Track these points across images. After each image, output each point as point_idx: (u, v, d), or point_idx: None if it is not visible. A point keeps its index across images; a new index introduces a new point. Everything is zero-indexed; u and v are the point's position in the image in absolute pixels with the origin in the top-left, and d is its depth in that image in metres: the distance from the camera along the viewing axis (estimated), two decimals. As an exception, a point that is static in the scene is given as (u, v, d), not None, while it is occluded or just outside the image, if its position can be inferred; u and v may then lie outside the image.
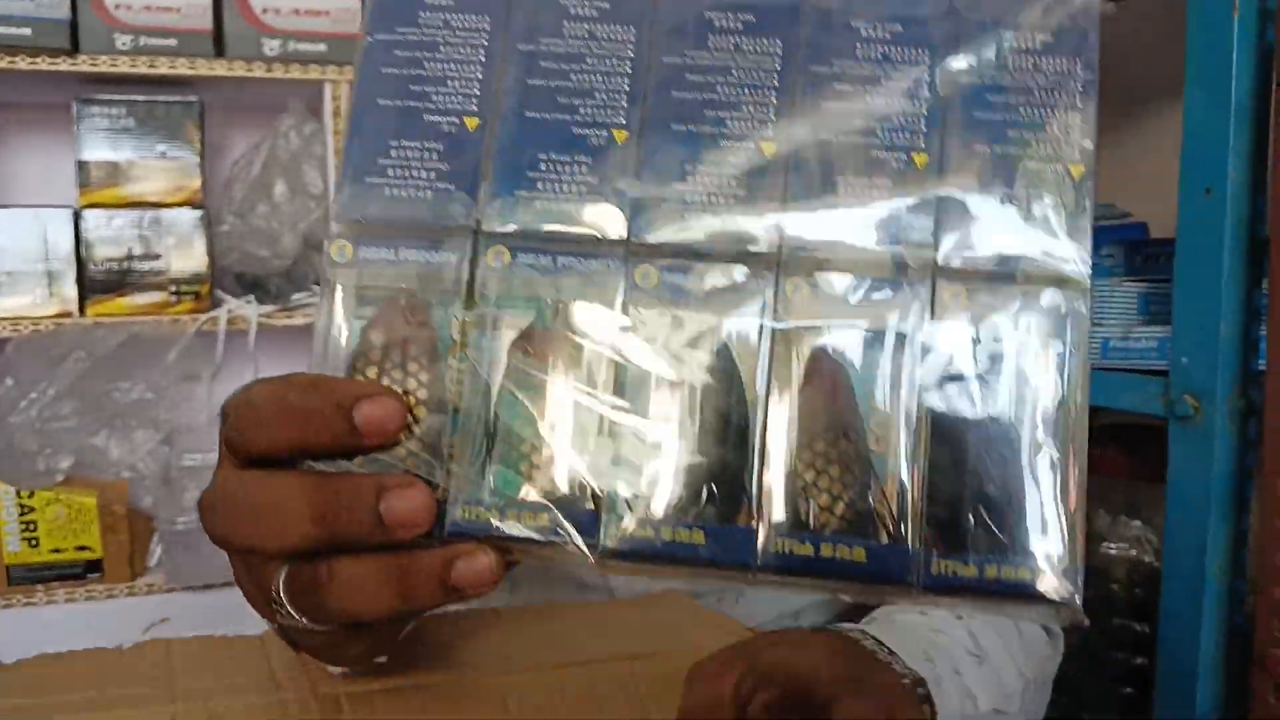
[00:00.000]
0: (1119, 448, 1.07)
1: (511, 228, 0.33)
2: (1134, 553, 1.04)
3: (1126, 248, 1.05)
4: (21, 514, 1.41)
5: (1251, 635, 0.83)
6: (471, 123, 0.34)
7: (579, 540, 0.32)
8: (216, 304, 1.55)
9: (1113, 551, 1.05)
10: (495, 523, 0.32)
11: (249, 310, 1.54)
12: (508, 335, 0.33)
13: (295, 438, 0.32)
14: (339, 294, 0.34)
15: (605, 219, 0.33)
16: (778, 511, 0.33)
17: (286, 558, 0.32)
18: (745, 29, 0.34)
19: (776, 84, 0.34)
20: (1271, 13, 0.82)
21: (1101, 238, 1.08)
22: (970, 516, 0.33)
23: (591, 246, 0.33)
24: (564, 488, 0.33)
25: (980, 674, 0.61)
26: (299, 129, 1.59)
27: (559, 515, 0.32)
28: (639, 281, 0.33)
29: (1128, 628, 1.03)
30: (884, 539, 0.33)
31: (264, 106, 1.69)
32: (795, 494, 0.33)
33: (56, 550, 1.43)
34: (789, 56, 0.34)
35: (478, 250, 0.33)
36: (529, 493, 0.33)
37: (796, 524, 0.33)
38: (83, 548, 1.44)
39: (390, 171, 0.33)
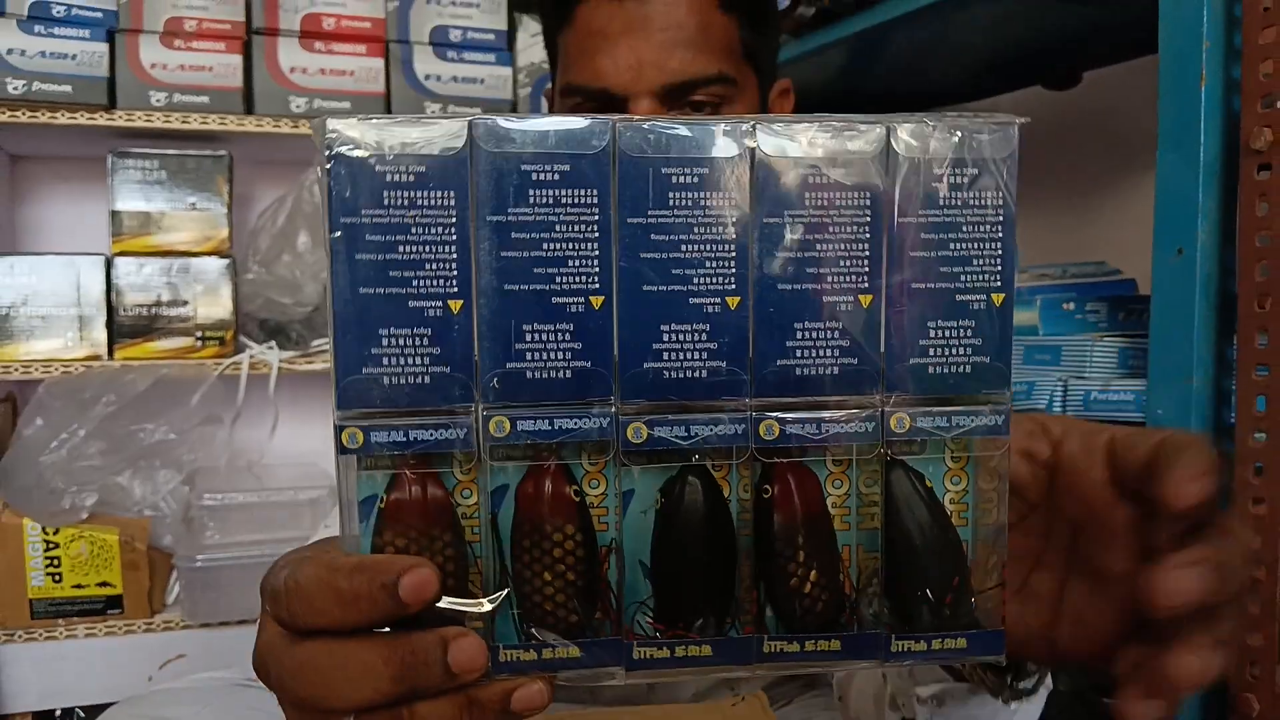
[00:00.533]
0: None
1: (504, 401, 0.36)
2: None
3: (1110, 303, 1.09)
4: (46, 549, 1.46)
5: (1227, 679, 0.85)
6: (456, 305, 0.36)
7: (608, 661, 0.38)
8: (240, 349, 1.61)
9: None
10: (534, 657, 0.37)
11: (271, 356, 1.60)
12: (514, 492, 0.38)
13: (349, 619, 0.35)
14: (355, 473, 0.37)
15: (592, 381, 0.37)
16: (769, 616, 0.39)
17: (359, 711, 0.36)
18: (699, 183, 0.36)
19: (733, 238, 0.37)
20: (1237, 82, 0.86)
21: (1087, 293, 1.12)
22: (920, 605, 0.39)
23: (583, 407, 0.37)
24: (584, 619, 0.38)
25: None
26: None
27: (587, 644, 0.37)
28: (630, 437, 0.37)
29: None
30: (854, 630, 0.39)
31: (290, 161, 1.77)
32: (781, 598, 0.39)
33: (78, 586, 1.48)
34: (743, 212, 0.37)
35: (480, 423, 0.36)
36: (556, 626, 0.38)
37: (786, 624, 0.39)
38: (104, 584, 1.48)
39: (385, 360, 0.36)
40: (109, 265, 1.55)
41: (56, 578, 1.47)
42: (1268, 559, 0.82)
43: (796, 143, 0.37)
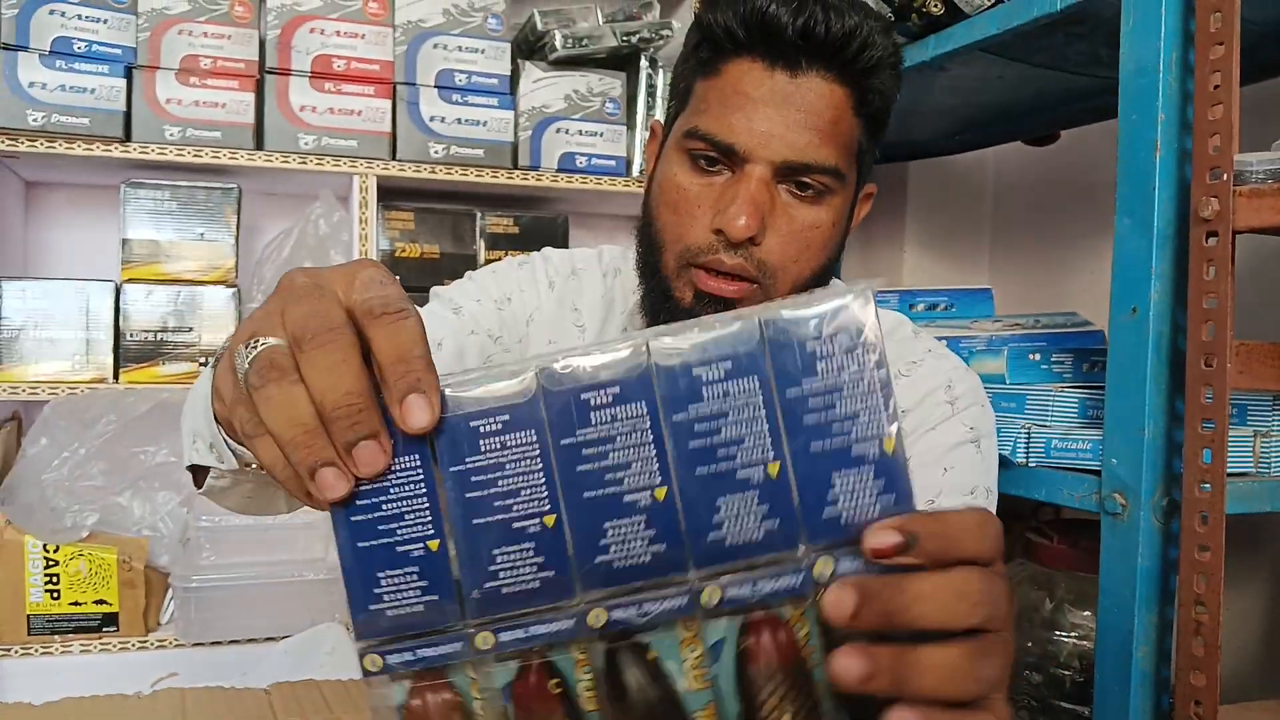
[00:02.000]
0: (1066, 542, 1.15)
1: (489, 616, 0.44)
2: (1078, 639, 1.10)
3: (1076, 355, 1.14)
4: (46, 566, 1.50)
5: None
6: (434, 545, 0.43)
7: None
8: (241, 375, 1.65)
9: (1059, 638, 1.11)
10: None
11: (271, 382, 1.64)
12: (511, 691, 0.45)
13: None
14: (381, 686, 0.45)
15: (557, 585, 0.44)
16: None
17: None
18: (614, 400, 0.43)
19: (651, 439, 0.43)
20: (1189, 153, 0.92)
21: (1054, 344, 1.18)
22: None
23: (553, 613, 0.44)
24: None
25: None
26: (327, 216, 1.71)
27: None
28: (591, 623, 0.44)
29: (1073, 711, 1.10)
30: None
31: (296, 195, 1.83)
32: None
33: (76, 603, 1.52)
34: (654, 414, 0.43)
35: (471, 637, 0.44)
36: None
37: None
38: (101, 601, 1.52)
39: (386, 597, 0.43)
40: (118, 291, 1.60)
41: (55, 594, 1.51)
42: (1211, 603, 0.87)
43: (686, 345, 0.44)
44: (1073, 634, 1.11)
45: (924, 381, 0.88)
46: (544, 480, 0.43)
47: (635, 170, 1.84)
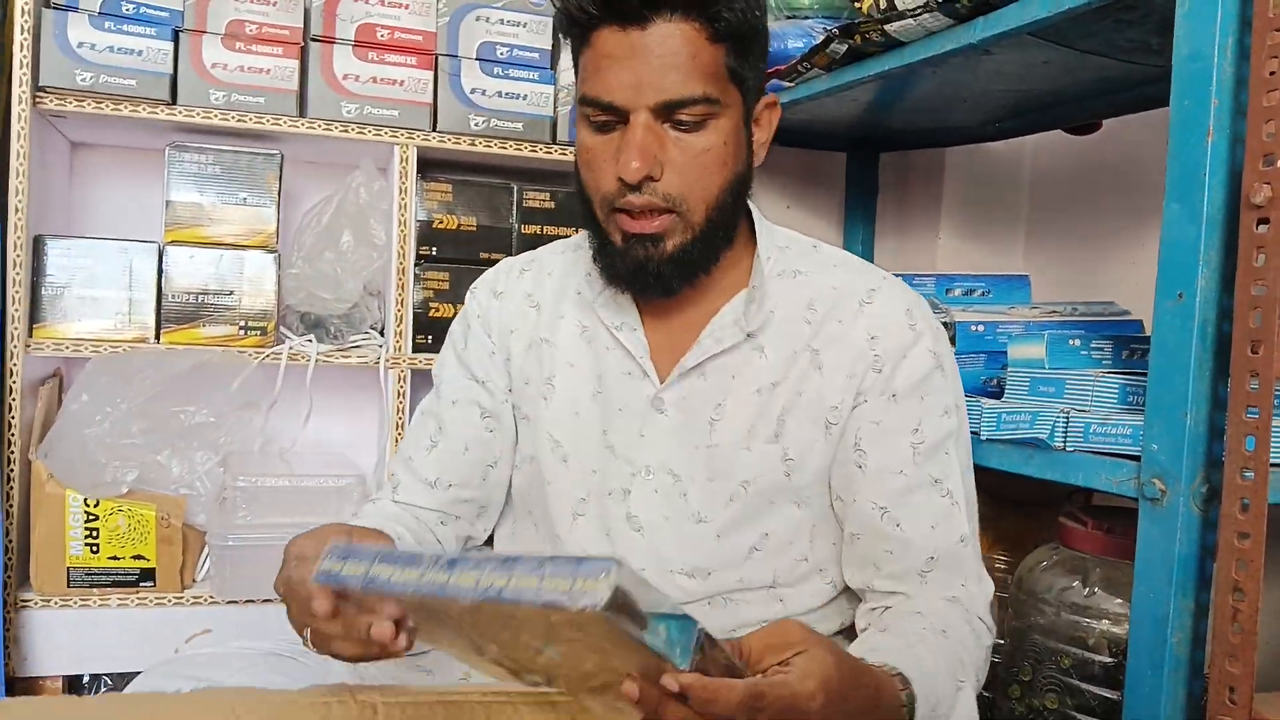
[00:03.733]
0: (1100, 528, 1.15)
1: None
2: (1110, 625, 1.11)
3: (1115, 342, 1.14)
4: (86, 520, 1.53)
5: (1206, 705, 0.90)
6: None
7: None
8: (280, 340, 1.68)
9: (1090, 624, 1.12)
10: None
11: (309, 348, 1.67)
12: None
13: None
14: None
15: None
16: None
17: None
18: None
19: None
20: (1241, 139, 0.92)
21: (1094, 331, 1.18)
22: None
23: None
24: None
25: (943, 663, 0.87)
26: (368, 185, 1.72)
27: None
28: None
29: (1102, 696, 1.10)
30: None
31: (337, 163, 1.84)
32: None
33: (114, 558, 1.54)
34: None
35: None
36: None
37: None
38: (139, 556, 1.55)
39: None
40: (161, 253, 1.63)
41: (94, 548, 1.53)
42: (1249, 590, 0.87)
43: None
44: (1104, 620, 1.12)
45: (887, 307, 0.98)
46: None
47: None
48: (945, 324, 1.36)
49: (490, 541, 1.14)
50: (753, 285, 0.99)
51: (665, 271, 0.94)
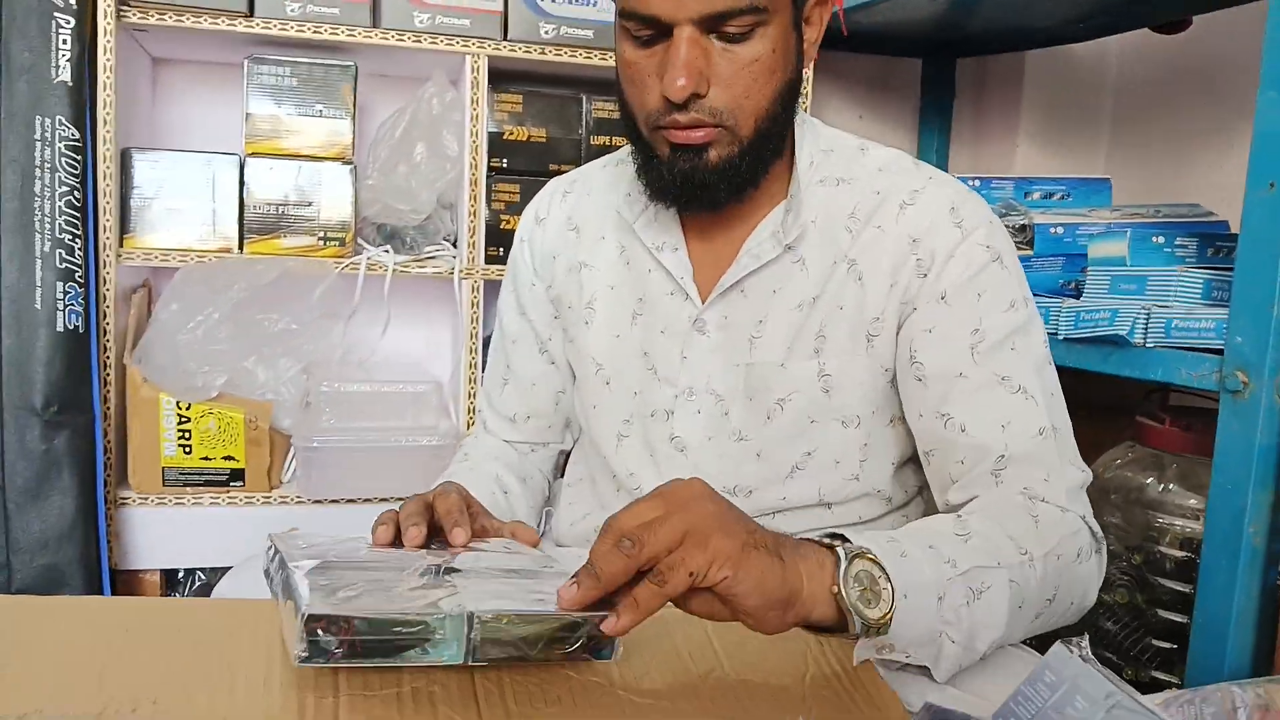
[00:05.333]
0: (1178, 425, 1.14)
1: None
2: (1185, 522, 1.11)
3: (1201, 239, 1.12)
4: (179, 423, 1.60)
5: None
6: None
7: None
8: (358, 251, 1.71)
9: (1164, 521, 1.12)
10: None
11: (386, 258, 1.70)
12: None
13: None
14: None
15: None
16: None
17: None
18: None
19: None
20: (1343, 22, 0.89)
21: (1178, 230, 1.16)
22: None
23: None
24: None
25: (964, 547, 0.76)
26: (440, 97, 1.73)
27: None
28: None
29: (1172, 589, 1.10)
30: None
31: (410, 76, 1.85)
32: None
33: (206, 458, 1.62)
34: None
35: None
36: None
37: None
38: (229, 458, 1.62)
39: None
40: (242, 165, 1.66)
41: (187, 449, 1.60)
42: (1331, 479, 0.86)
43: None
44: (1178, 516, 1.12)
45: (929, 208, 0.92)
46: None
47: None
48: (1024, 226, 1.34)
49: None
50: (790, 195, 0.96)
51: (711, 181, 0.90)
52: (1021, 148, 1.92)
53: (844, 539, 0.72)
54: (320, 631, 0.58)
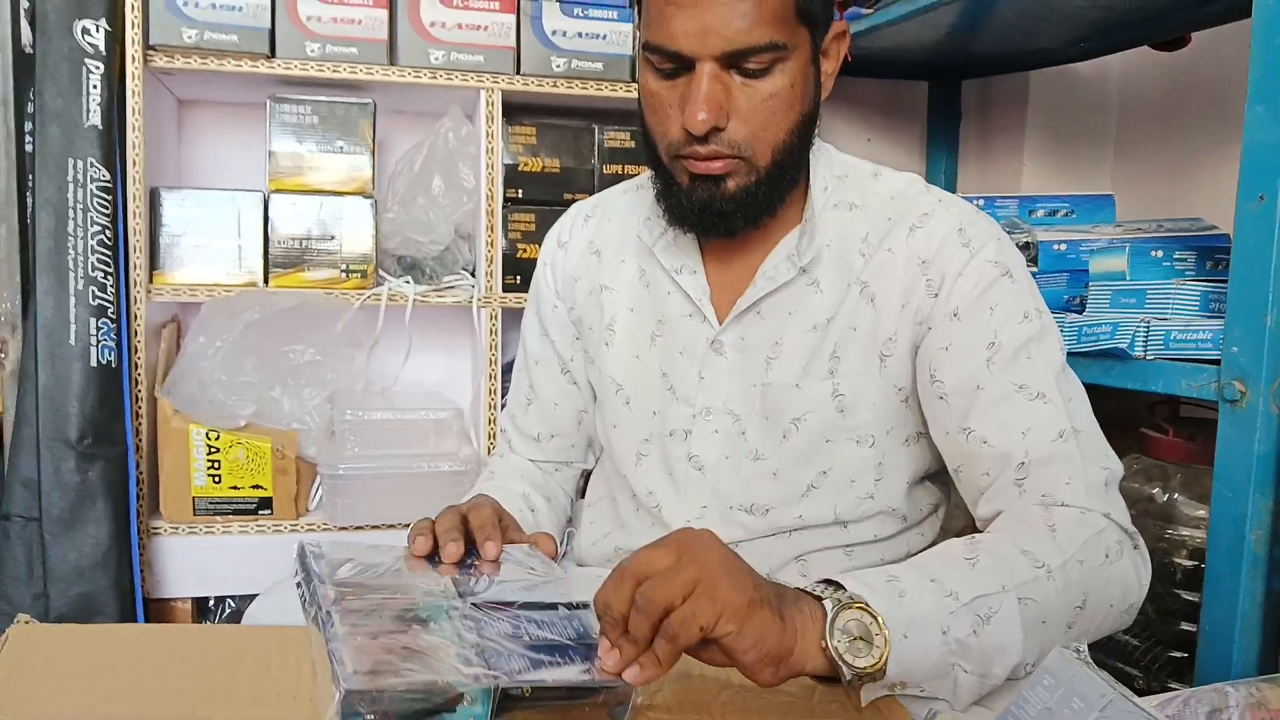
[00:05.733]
0: (1182, 436, 1.16)
1: None
2: (1192, 531, 1.12)
3: (1199, 253, 1.14)
4: (209, 453, 1.64)
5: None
6: None
7: None
8: (379, 282, 1.76)
9: (1171, 532, 1.13)
10: None
11: (407, 289, 1.75)
12: None
13: None
14: None
15: None
16: None
17: None
18: None
19: None
20: (1326, 39, 0.91)
21: (1177, 244, 1.18)
22: None
23: None
24: None
25: (970, 574, 0.76)
26: (456, 130, 1.78)
27: None
28: None
29: (1183, 599, 1.12)
30: None
31: (427, 111, 1.91)
32: None
33: (235, 487, 1.66)
34: None
35: None
36: None
37: None
38: (257, 486, 1.66)
39: None
40: (266, 202, 1.72)
41: (216, 479, 1.65)
42: (1328, 484, 0.88)
43: None
44: (1184, 525, 1.13)
45: (937, 230, 0.94)
46: None
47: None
48: (1027, 243, 1.37)
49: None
50: (805, 219, 0.98)
51: (729, 210, 0.93)
52: (1028, 166, 1.95)
53: (838, 586, 0.72)
54: (359, 705, 0.60)
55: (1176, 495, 1.14)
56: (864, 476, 0.97)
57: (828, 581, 0.73)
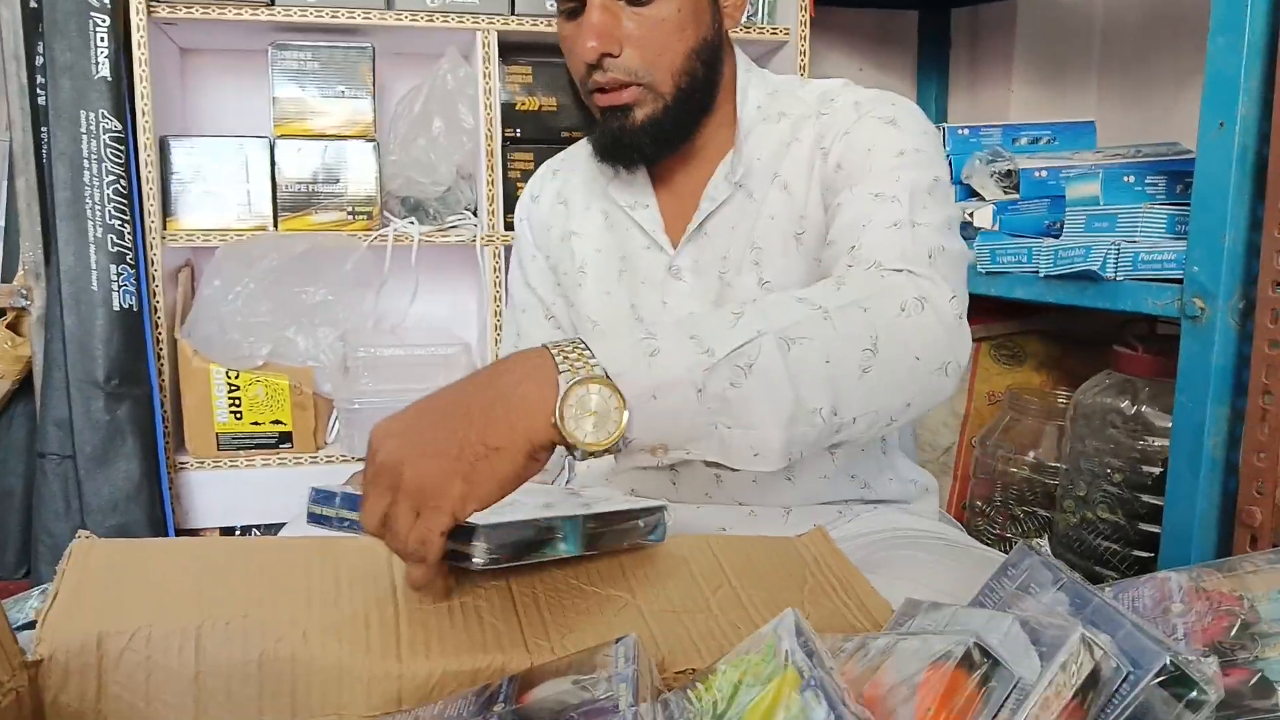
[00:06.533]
0: (1150, 352, 1.22)
1: None
2: (1157, 439, 1.19)
3: (1170, 177, 1.20)
4: (229, 391, 1.71)
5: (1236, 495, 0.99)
6: None
7: None
8: (384, 224, 1.82)
9: (1140, 442, 1.21)
10: None
11: (412, 229, 1.80)
12: None
13: None
14: None
15: None
16: None
17: None
18: None
19: None
20: (1283, -30, 0.96)
21: (1149, 168, 1.23)
22: None
23: None
24: None
25: (732, 329, 0.72)
26: (454, 72, 1.82)
27: None
28: None
29: (1149, 504, 1.20)
30: None
31: (424, 53, 1.94)
32: None
33: (256, 423, 1.73)
34: None
35: None
36: None
37: None
38: (277, 421, 1.74)
39: None
40: (272, 147, 1.76)
41: (238, 415, 1.72)
42: (1278, 390, 0.95)
43: None
44: (1151, 434, 1.21)
45: (838, 110, 0.99)
46: None
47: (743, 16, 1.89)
48: (1009, 171, 1.42)
49: None
50: (737, 138, 1.02)
51: (639, 141, 0.98)
52: (1016, 93, 1.99)
53: (585, 349, 0.69)
54: (493, 539, 0.69)
55: (1144, 408, 1.21)
56: None
57: (577, 342, 0.70)
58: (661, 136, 0.99)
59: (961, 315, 0.82)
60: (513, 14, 1.79)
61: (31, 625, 0.75)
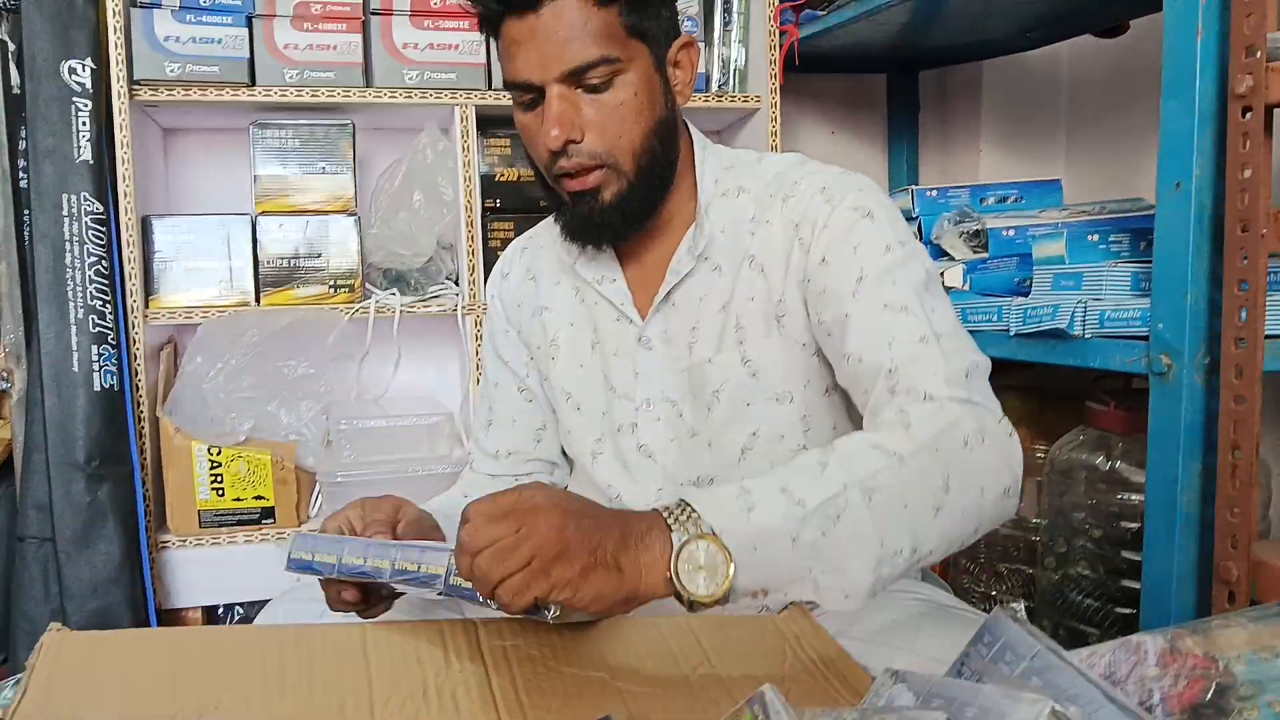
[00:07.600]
0: (1122, 409, 1.24)
1: None
2: (1133, 495, 1.20)
3: (1133, 234, 1.22)
4: (211, 468, 1.71)
5: (1214, 551, 1.00)
6: None
7: None
8: (366, 296, 1.83)
9: (1116, 497, 1.21)
10: None
11: (393, 301, 1.82)
12: None
13: None
14: None
15: None
16: None
17: None
18: None
19: None
20: (1228, 35, 0.99)
21: (1112, 226, 1.26)
22: None
23: None
24: None
25: (820, 479, 0.79)
26: (433, 146, 1.85)
27: None
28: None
29: (1128, 560, 1.20)
30: None
31: (404, 128, 1.97)
32: None
33: (238, 499, 1.73)
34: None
35: None
36: None
37: None
38: (259, 497, 1.73)
39: None
40: (254, 223, 1.78)
41: (220, 491, 1.72)
42: (1245, 447, 0.96)
43: None
44: (1127, 490, 1.21)
45: (804, 195, 1.01)
46: None
47: (714, 85, 1.93)
48: (978, 231, 1.45)
49: None
50: (697, 212, 1.06)
51: (609, 220, 1.02)
52: (984, 152, 2.02)
53: (691, 509, 0.76)
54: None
55: (1119, 463, 1.22)
56: (792, 431, 1.04)
57: (683, 503, 0.77)
58: (630, 214, 1.03)
59: (1011, 432, 0.88)
60: (489, 89, 1.83)
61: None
